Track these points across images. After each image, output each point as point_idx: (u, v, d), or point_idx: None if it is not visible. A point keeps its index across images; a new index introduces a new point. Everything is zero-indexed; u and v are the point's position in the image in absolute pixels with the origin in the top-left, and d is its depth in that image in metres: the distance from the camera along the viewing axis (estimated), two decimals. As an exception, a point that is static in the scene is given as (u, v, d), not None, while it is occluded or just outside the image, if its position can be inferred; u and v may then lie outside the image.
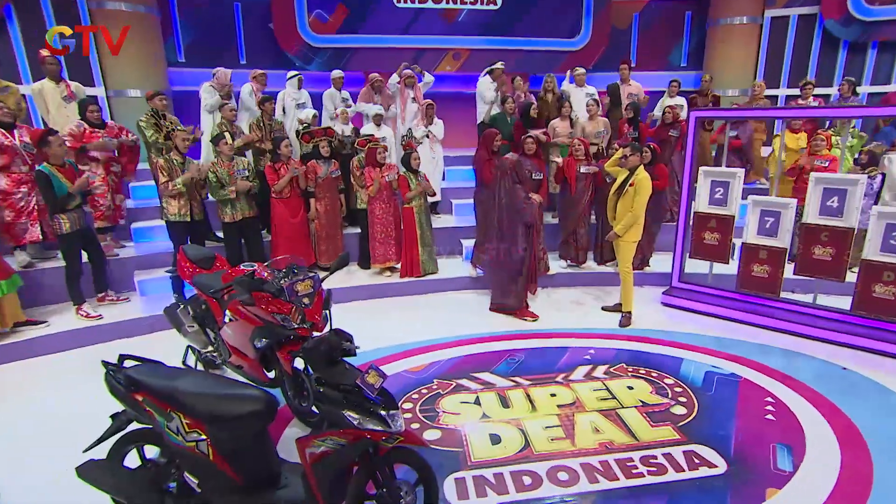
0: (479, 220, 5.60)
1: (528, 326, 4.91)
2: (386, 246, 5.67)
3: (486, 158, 5.43)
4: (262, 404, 2.07)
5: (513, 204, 4.81)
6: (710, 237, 5.25)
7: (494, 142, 5.43)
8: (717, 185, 5.19)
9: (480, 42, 9.25)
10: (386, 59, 8.75)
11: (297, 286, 3.06)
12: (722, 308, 5.11)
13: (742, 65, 8.88)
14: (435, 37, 9.19)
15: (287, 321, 3.04)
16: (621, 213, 4.78)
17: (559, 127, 6.51)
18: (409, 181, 5.57)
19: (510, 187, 4.84)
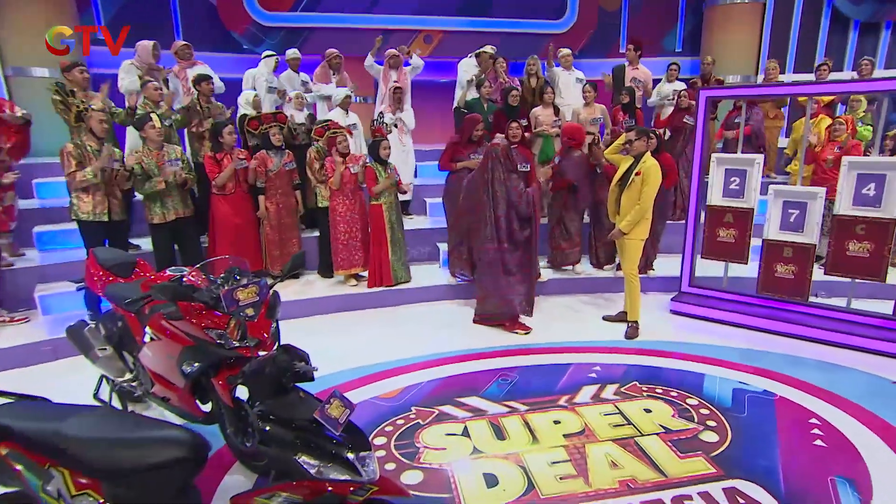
0: (448, 217, 5.40)
1: (519, 340, 4.66)
2: (350, 250, 5.40)
3: (455, 142, 5.24)
4: (186, 449, 1.69)
5: (508, 195, 4.55)
6: (725, 234, 5.08)
7: (476, 130, 5.21)
8: (733, 174, 5.02)
9: (455, 23, 9.12)
10: (347, 40, 8.54)
11: (237, 294, 2.64)
12: (741, 315, 4.94)
13: (744, 48, 8.85)
14: (403, 16, 9.02)
15: (225, 338, 2.60)
16: (626, 207, 4.57)
17: (542, 115, 6.38)
18: (377, 173, 5.27)
19: (505, 176, 4.57)
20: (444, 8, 9.13)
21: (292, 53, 6.71)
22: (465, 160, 5.25)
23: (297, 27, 8.60)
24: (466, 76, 6.76)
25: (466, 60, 6.86)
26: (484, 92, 6.31)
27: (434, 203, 6.88)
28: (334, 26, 8.67)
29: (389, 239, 5.40)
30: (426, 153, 8.00)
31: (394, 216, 5.44)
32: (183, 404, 2.79)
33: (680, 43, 9.91)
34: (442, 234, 6.20)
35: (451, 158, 5.25)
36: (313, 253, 5.77)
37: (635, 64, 7.29)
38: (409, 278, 5.61)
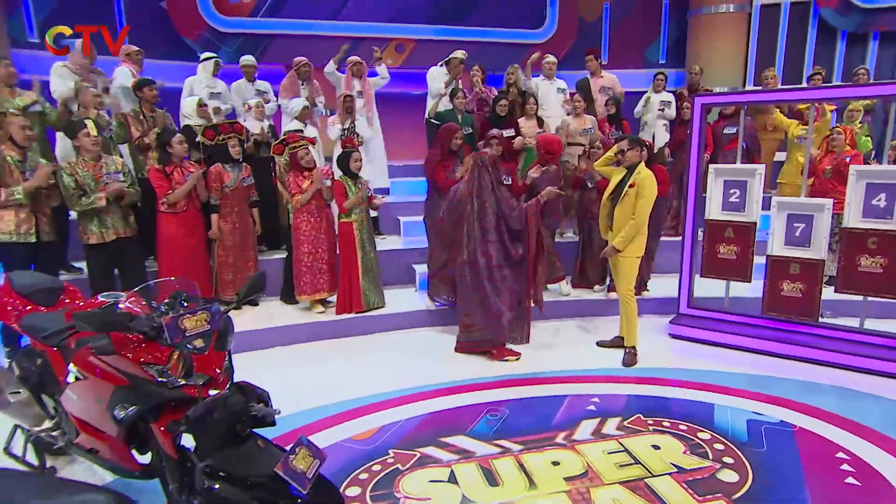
0: (431, 239, 5.26)
1: (507, 370, 4.46)
2: (316, 273, 5.18)
3: (438, 159, 5.10)
4: None
5: (498, 206, 4.42)
6: (726, 250, 5.01)
7: (455, 138, 5.07)
8: (732, 186, 4.97)
9: (428, 31, 9.10)
10: (312, 48, 8.25)
11: (184, 322, 2.33)
12: (745, 338, 4.84)
13: (730, 59, 9.01)
14: (373, 24, 8.95)
15: (167, 376, 2.29)
16: (619, 221, 4.46)
17: (525, 127, 6.32)
18: (346, 188, 5.08)
19: (494, 186, 4.43)
20: (417, 15, 9.10)
21: (246, 60, 6.57)
22: (452, 174, 5.07)
23: (258, 34, 8.44)
24: (437, 85, 6.70)
25: (435, 69, 6.81)
26: (458, 103, 6.21)
27: (409, 222, 6.77)
28: (298, 33, 8.53)
29: (360, 260, 5.20)
30: (398, 168, 7.91)
31: (365, 235, 5.25)
32: (115, 456, 2.45)
33: (663, 54, 10.07)
34: (418, 255, 6.09)
35: (447, 175, 5.07)
36: (276, 278, 5.51)
37: (599, 73, 7.28)
38: (383, 303, 5.42)
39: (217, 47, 8.07)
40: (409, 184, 7.70)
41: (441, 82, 6.64)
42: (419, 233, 6.32)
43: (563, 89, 7.03)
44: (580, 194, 5.87)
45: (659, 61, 9.86)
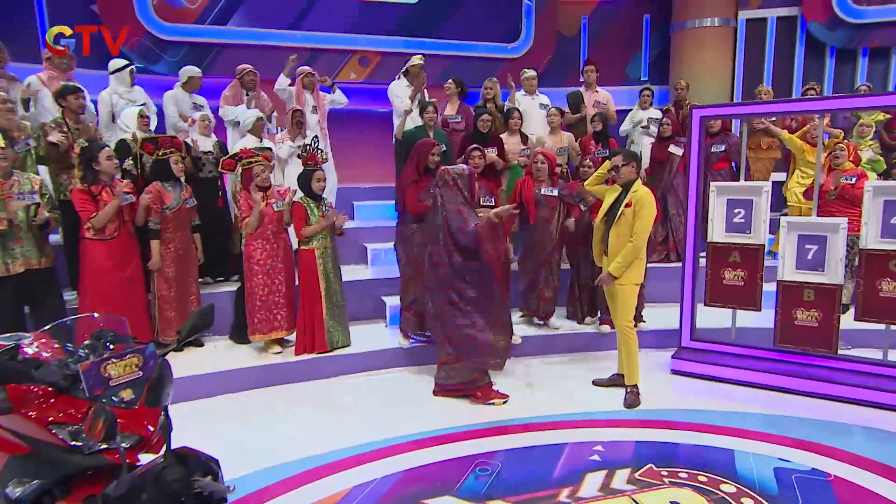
0: (403, 268, 5.09)
1: (495, 415, 4.23)
2: (272, 308, 4.93)
3: (413, 179, 4.91)
4: None
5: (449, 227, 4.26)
6: (731, 276, 4.89)
7: (431, 154, 4.87)
8: (736, 205, 4.88)
9: (395, 44, 8.93)
10: (267, 60, 7.93)
11: (107, 368, 2.00)
12: (757, 373, 4.70)
13: (716, 75, 9.06)
14: (334, 35, 8.76)
15: (83, 438, 1.92)
16: (615, 245, 4.33)
17: (509, 144, 6.24)
18: (307, 210, 4.86)
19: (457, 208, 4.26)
20: (383, 26, 8.94)
21: (192, 71, 6.38)
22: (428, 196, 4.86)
23: (204, 42, 8.14)
24: (401, 102, 6.54)
25: (396, 84, 6.68)
26: (428, 118, 6.02)
27: (377, 249, 6.63)
28: (250, 43, 8.26)
29: (324, 293, 4.95)
30: (364, 191, 7.81)
31: (329, 264, 5.00)
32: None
33: (645, 71, 10.08)
34: (388, 286, 5.92)
35: (420, 196, 4.84)
36: (226, 313, 5.21)
37: (594, 87, 7.26)
38: (349, 342, 5.17)
39: (157, 57, 7.78)
40: (377, 208, 7.58)
41: (405, 97, 6.52)
42: (388, 261, 6.17)
43: (546, 105, 6.98)
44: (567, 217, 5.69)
45: (641, 78, 9.87)
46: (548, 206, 5.40)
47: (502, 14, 9.48)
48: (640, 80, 9.77)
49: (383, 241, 6.57)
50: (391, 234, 6.14)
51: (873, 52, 8.63)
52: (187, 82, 6.32)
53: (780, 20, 9.06)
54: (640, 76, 9.98)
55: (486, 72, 8.35)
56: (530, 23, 9.56)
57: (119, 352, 2.08)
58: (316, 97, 6.57)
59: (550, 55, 9.67)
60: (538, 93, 7.13)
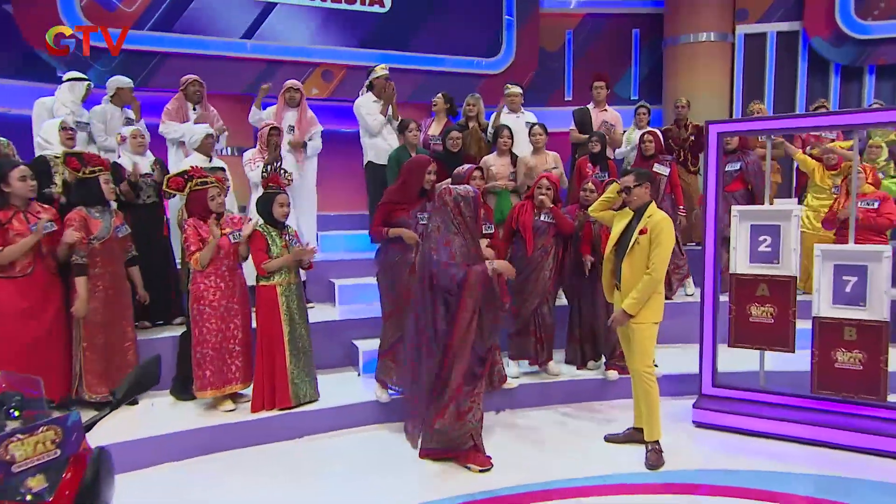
0: (385, 304, 4.87)
1: (490, 483, 3.97)
2: (225, 358, 4.65)
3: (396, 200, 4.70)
4: None
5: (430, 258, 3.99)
6: (759, 312, 4.75)
7: (427, 174, 4.69)
8: (762, 232, 4.77)
9: (363, 57, 8.84)
10: (218, 72, 7.94)
11: (7, 447, 1.72)
12: (793, 425, 4.52)
13: (713, 93, 9.11)
14: (294, 45, 8.68)
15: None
16: (629, 279, 4.18)
17: (496, 165, 6.15)
18: (268, 240, 4.62)
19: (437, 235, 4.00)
20: (350, 37, 8.87)
21: (121, 82, 6.14)
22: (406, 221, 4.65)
23: (143, 51, 7.84)
24: (373, 120, 6.44)
25: (362, 100, 6.58)
26: (411, 137, 5.94)
27: (346, 286, 6.50)
28: (197, 53, 8.01)
29: (287, 337, 4.67)
30: (330, 219, 7.72)
31: (294, 303, 4.73)
32: None
33: (635, 89, 10.15)
34: (360, 327, 5.86)
35: (384, 220, 4.63)
36: (168, 362, 4.80)
37: (603, 105, 7.25)
38: (317, 396, 4.90)
39: (87, 66, 7.43)
40: (345, 238, 7.52)
41: (376, 113, 6.42)
42: (359, 298, 6.24)
43: (533, 123, 6.77)
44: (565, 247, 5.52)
45: (631, 97, 9.92)
46: (547, 234, 5.24)
47: (481, 27, 9.55)
48: (630, 99, 9.83)
49: (353, 276, 6.55)
50: (362, 268, 6.21)
51: (881, 70, 8.84)
52: (116, 95, 6.06)
53: (780, 35, 9.24)
54: (630, 95, 10.06)
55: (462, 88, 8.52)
56: (511, 36, 9.63)
57: (30, 423, 1.83)
58: (300, 114, 6.44)
59: (533, 72, 9.72)
60: (523, 110, 7.06)
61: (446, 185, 4.22)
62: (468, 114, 6.67)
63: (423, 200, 4.69)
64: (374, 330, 5.58)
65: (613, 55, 10.11)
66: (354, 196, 7.93)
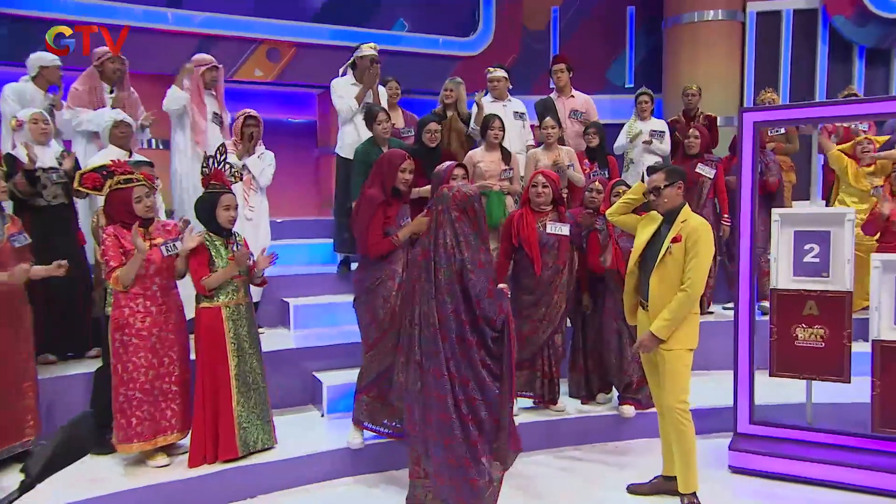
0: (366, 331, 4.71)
1: None
2: (157, 401, 4.40)
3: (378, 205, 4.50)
4: None
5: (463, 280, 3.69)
6: (806, 335, 4.68)
7: (401, 172, 4.50)
8: (808, 239, 4.70)
9: (316, 33, 8.82)
10: (141, 49, 7.64)
11: None
12: (848, 469, 4.41)
13: (720, 79, 9.08)
14: (233, 17, 8.51)
15: None
16: (659, 296, 4.09)
17: (485, 161, 6.03)
18: (210, 251, 4.42)
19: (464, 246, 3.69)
20: (301, 10, 8.75)
21: (42, 59, 5.84)
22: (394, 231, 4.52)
23: (42, 19, 7.46)
24: (346, 105, 6.36)
25: (340, 81, 6.56)
26: (380, 130, 5.80)
27: (303, 306, 6.35)
28: (114, 23, 7.57)
29: (234, 372, 4.46)
30: (281, 227, 7.58)
31: (243, 330, 4.52)
32: None
33: (631, 75, 10.17)
34: (323, 357, 5.71)
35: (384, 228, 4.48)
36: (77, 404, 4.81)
37: (569, 92, 7.19)
38: (273, 442, 4.73)
39: None
40: (300, 248, 7.39)
41: (351, 98, 6.33)
42: (319, 321, 6.22)
43: (522, 113, 6.93)
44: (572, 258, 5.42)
45: (626, 84, 9.95)
46: (558, 248, 5.06)
47: (455, 1, 9.50)
48: (625, 86, 9.88)
49: (311, 294, 6.51)
50: (320, 284, 6.38)
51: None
52: (39, 75, 5.78)
53: (797, 14, 9.33)
54: (625, 82, 10.11)
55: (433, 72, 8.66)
56: (489, 13, 9.61)
57: None
58: (218, 95, 6.29)
59: (515, 54, 9.68)
60: (510, 97, 6.99)
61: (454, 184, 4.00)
62: (446, 101, 6.62)
63: (398, 204, 4.54)
64: (339, 359, 5.60)
65: (606, 36, 10.14)
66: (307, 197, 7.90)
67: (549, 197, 5.03)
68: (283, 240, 7.30)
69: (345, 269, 6.55)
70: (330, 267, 6.84)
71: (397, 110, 6.68)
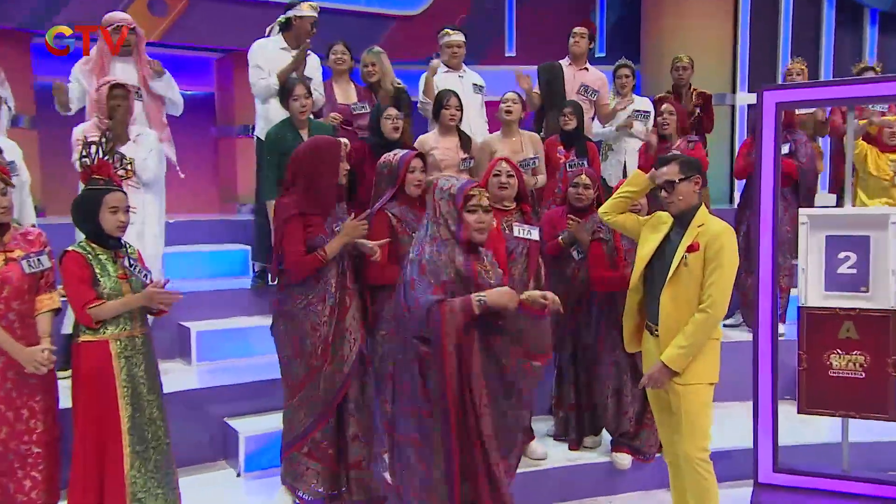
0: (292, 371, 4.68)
1: None
2: (12, 468, 4.22)
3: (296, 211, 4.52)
4: None
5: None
6: (843, 363, 4.58)
7: (339, 167, 4.58)
8: (843, 245, 4.63)
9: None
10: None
11: None
12: None
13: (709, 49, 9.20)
14: None
15: None
16: (672, 317, 4.12)
17: (440, 148, 6.07)
18: (93, 268, 4.23)
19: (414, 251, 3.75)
20: None
21: None
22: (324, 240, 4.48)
23: None
24: (259, 76, 6.37)
25: (261, 43, 6.57)
26: (298, 107, 5.79)
27: (208, 332, 6.28)
28: None
29: (128, 425, 4.25)
30: (171, 228, 7.24)
31: (139, 370, 4.31)
32: None
33: (601, 43, 10.21)
34: (233, 397, 5.67)
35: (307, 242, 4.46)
36: None
37: (583, 63, 7.29)
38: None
39: None
40: (200, 257, 7.34)
41: (273, 67, 6.29)
42: (229, 351, 6.20)
43: (481, 86, 7.00)
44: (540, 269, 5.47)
45: (596, 54, 9.84)
46: (527, 257, 5.17)
47: None
48: (595, 56, 9.73)
49: (218, 316, 6.46)
50: (232, 302, 6.41)
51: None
52: None
53: None
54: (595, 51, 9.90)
55: (365, 36, 8.48)
56: None
57: None
58: (140, 66, 6.14)
59: (465, 13, 9.68)
60: (465, 68, 7.03)
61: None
62: (368, 79, 6.69)
63: (326, 206, 4.53)
64: (258, 400, 5.57)
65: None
66: (205, 189, 7.95)
67: (515, 189, 5.02)
68: (177, 246, 7.19)
69: (262, 283, 6.47)
70: (241, 280, 6.74)
71: (348, 83, 6.63)
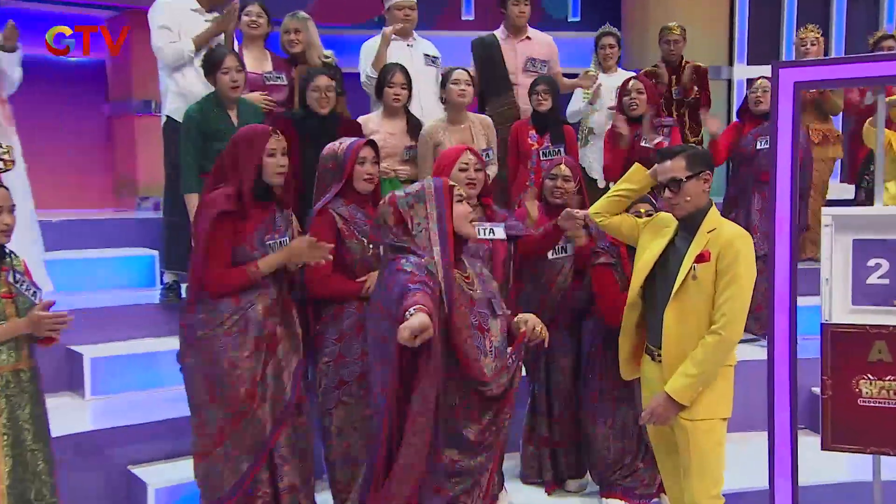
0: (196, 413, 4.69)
1: None
2: None
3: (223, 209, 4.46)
4: None
5: None
6: (874, 390, 4.60)
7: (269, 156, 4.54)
8: (873, 250, 4.66)
9: None
10: None
11: None
12: None
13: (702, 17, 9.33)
14: None
15: None
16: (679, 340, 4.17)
17: (383, 133, 6.17)
18: None
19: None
20: None
21: None
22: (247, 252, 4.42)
23: None
24: (166, 39, 6.39)
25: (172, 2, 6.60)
26: (227, 81, 5.81)
27: (105, 359, 6.20)
28: None
29: (6, 481, 4.27)
30: (53, 230, 7.33)
31: (24, 411, 4.32)
32: None
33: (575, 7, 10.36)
34: (138, 438, 5.61)
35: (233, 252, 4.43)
36: None
37: (523, 33, 7.53)
38: None
39: None
40: (95, 265, 7.36)
41: (189, 30, 6.38)
42: (128, 382, 6.18)
43: (435, 57, 7.12)
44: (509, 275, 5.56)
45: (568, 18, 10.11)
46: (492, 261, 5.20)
47: None
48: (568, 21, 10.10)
49: (117, 339, 6.43)
50: (135, 321, 6.41)
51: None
52: None
53: None
54: (568, 14, 10.31)
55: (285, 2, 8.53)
56: None
57: None
58: None
59: None
60: (416, 36, 7.18)
61: None
62: (291, 49, 6.82)
63: (271, 209, 4.50)
64: (168, 443, 5.53)
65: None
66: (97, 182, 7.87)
67: (482, 185, 5.07)
68: (61, 251, 7.16)
69: (173, 297, 6.40)
70: (146, 293, 6.65)
71: (263, 52, 6.67)
